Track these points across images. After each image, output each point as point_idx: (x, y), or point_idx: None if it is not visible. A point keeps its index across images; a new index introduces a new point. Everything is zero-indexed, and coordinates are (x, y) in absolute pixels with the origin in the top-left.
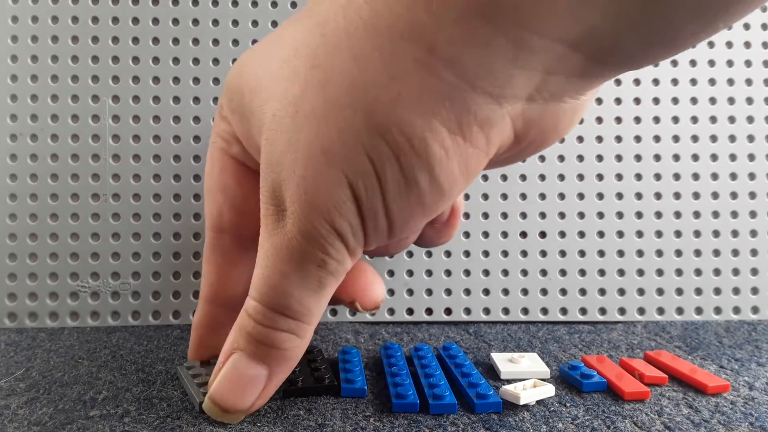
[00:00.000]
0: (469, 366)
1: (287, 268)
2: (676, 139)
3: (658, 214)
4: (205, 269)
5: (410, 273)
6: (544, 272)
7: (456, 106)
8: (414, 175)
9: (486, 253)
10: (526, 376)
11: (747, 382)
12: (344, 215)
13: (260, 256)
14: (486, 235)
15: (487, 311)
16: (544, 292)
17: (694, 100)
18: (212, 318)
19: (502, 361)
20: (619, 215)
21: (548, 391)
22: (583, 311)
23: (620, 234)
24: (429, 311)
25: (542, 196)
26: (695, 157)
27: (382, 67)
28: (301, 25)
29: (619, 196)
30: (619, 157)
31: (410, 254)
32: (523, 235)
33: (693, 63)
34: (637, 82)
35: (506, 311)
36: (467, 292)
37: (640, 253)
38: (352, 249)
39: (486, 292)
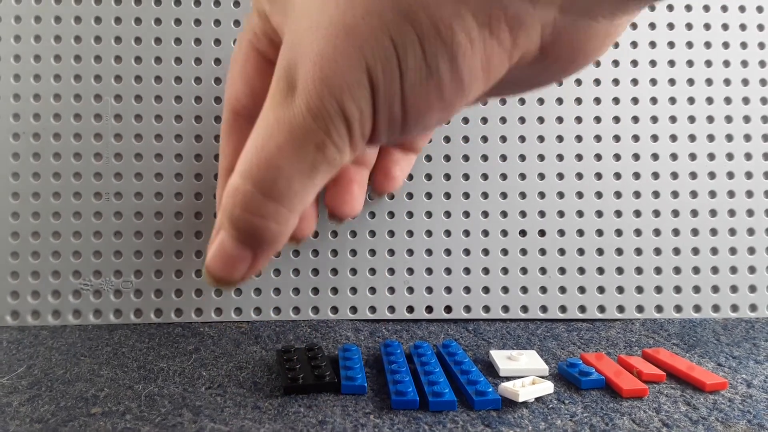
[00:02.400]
0: (468, 363)
1: (284, 141)
2: (673, 138)
3: (656, 213)
4: (223, 147)
5: (410, 271)
6: (543, 270)
7: None
8: (436, 62)
9: (486, 252)
10: (525, 374)
11: (745, 379)
12: (356, 99)
13: (258, 127)
14: (486, 233)
15: (486, 309)
16: (543, 290)
17: (691, 100)
18: None
19: (501, 358)
20: (618, 214)
21: (547, 388)
22: (582, 309)
23: (619, 232)
24: (429, 309)
25: (541, 195)
26: (692, 156)
27: None
28: None
29: (618, 194)
30: (617, 156)
31: (410, 252)
32: (523, 233)
33: (690, 63)
34: (635, 81)
35: (506, 309)
36: (467, 290)
37: (638, 252)
38: (355, 139)
39: (486, 290)
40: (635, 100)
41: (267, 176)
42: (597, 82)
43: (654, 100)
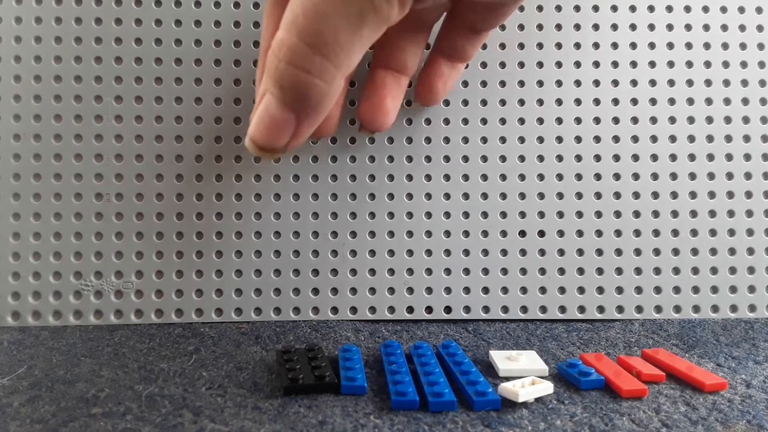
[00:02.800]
0: (468, 364)
1: None
2: (672, 139)
3: (656, 213)
4: (264, 27)
5: (410, 272)
6: (542, 271)
7: None
8: None
9: (485, 252)
10: (524, 374)
11: (744, 380)
12: None
13: None
14: (485, 234)
15: (486, 309)
16: (542, 290)
17: (690, 101)
18: None
19: (500, 358)
20: (617, 214)
21: (547, 388)
22: (582, 309)
23: (618, 233)
24: (429, 309)
25: (541, 196)
26: (692, 157)
27: None
28: None
29: (617, 195)
30: (616, 157)
31: (410, 253)
32: (522, 234)
33: (689, 64)
34: (634, 83)
35: (505, 309)
36: (467, 290)
37: (637, 252)
38: None
39: (485, 290)
40: (634, 101)
41: (313, 26)
42: (596, 83)
43: (653, 101)
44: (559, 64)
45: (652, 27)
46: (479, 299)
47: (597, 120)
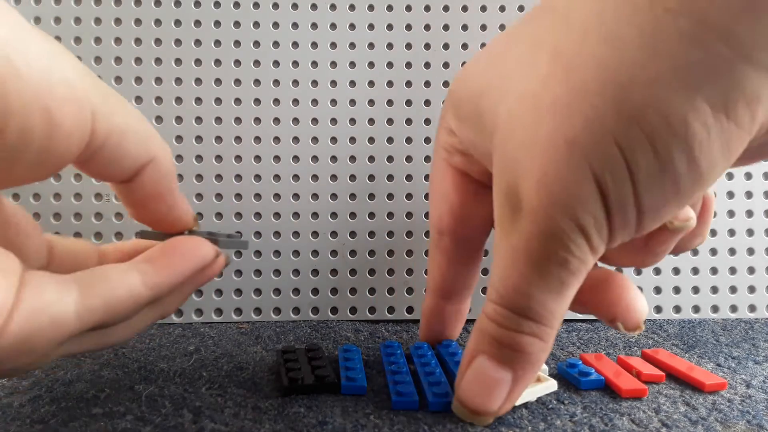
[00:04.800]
0: None
1: (526, 270)
2: None
3: None
4: (430, 265)
5: (410, 272)
6: None
7: (724, 82)
8: (671, 158)
9: (485, 252)
10: None
11: (744, 380)
12: (589, 210)
13: (497, 258)
14: None
15: None
16: None
17: None
18: (437, 307)
19: None
20: None
21: (551, 386)
22: None
23: None
24: None
25: None
26: None
27: (640, 45)
28: (538, 19)
29: None
30: None
31: (410, 253)
32: None
33: None
34: None
35: None
36: None
37: None
38: (595, 246)
39: (485, 290)
40: None
41: (521, 303)
42: None
43: None
44: None
45: None
46: (480, 299)
47: None
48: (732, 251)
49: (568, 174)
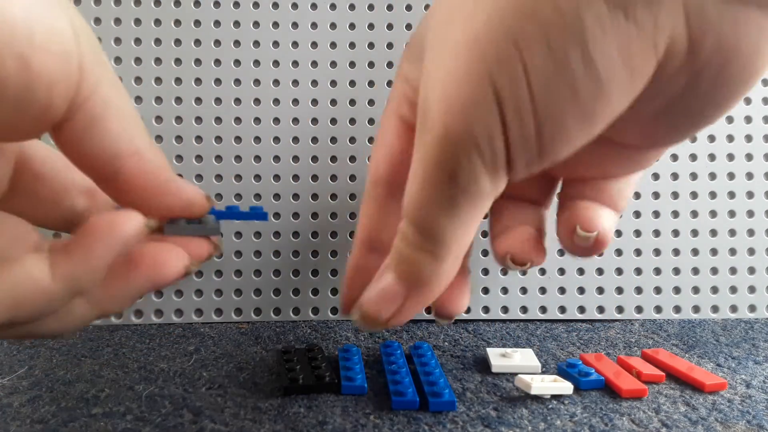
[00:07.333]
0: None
1: (420, 184)
2: None
3: (656, 214)
4: (360, 217)
5: None
6: (542, 271)
7: None
8: (566, 54)
9: (485, 252)
10: (516, 370)
11: (744, 380)
12: (482, 116)
13: (410, 173)
14: (484, 234)
15: (486, 310)
16: (542, 290)
17: None
18: (363, 260)
19: (495, 355)
20: None
21: (566, 388)
22: (582, 309)
23: (618, 233)
24: (428, 310)
25: None
26: (693, 157)
27: None
28: None
29: None
30: None
31: None
32: None
33: None
34: None
35: (505, 310)
36: None
37: (637, 252)
38: (487, 160)
39: (485, 290)
40: None
41: (417, 217)
42: None
43: None
44: None
45: None
46: (479, 299)
47: None
48: (732, 251)
49: (464, 76)
